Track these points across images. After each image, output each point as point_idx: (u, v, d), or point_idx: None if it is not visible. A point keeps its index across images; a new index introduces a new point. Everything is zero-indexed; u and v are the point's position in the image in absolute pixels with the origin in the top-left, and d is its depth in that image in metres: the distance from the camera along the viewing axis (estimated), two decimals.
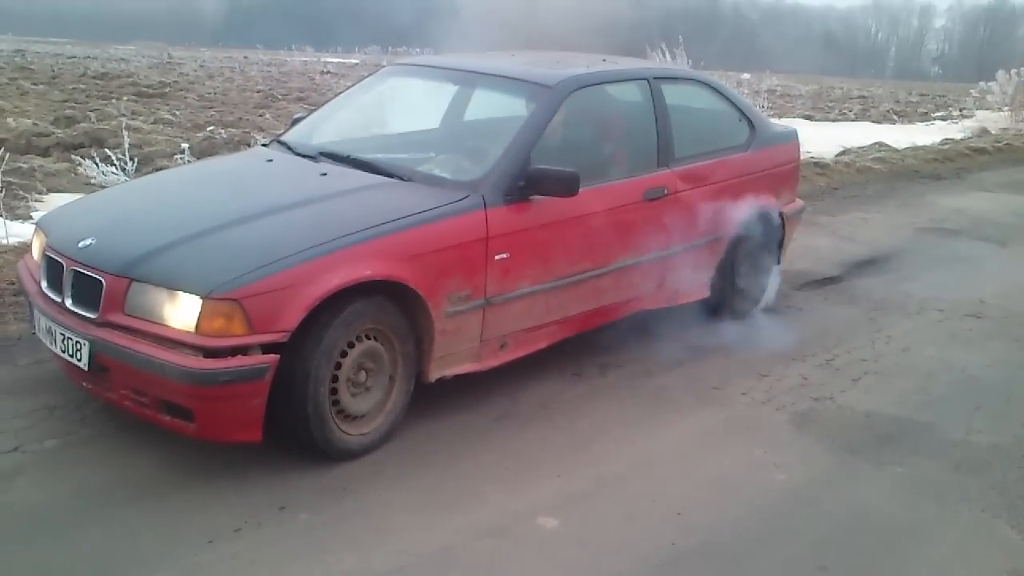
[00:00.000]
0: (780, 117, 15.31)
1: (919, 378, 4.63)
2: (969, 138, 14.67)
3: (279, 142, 4.55)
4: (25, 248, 5.19)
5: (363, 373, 3.46)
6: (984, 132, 15.78)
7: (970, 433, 4.05)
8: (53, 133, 10.25)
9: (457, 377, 3.82)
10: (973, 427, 4.11)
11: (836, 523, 3.30)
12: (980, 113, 19.06)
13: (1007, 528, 3.32)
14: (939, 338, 5.22)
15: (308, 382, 3.22)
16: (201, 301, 3.06)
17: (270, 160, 4.29)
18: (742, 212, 4.88)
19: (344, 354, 3.36)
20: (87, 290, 3.29)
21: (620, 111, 4.70)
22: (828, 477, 3.62)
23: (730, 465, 3.67)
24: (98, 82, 17.26)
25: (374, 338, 3.46)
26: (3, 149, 7.85)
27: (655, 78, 4.71)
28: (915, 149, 12.55)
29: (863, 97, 24.60)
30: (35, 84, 15.87)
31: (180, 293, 3.11)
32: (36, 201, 7.19)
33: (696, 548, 3.08)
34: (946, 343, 5.15)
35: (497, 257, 3.73)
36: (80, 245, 3.40)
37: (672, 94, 4.71)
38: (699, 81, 5.23)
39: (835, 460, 3.76)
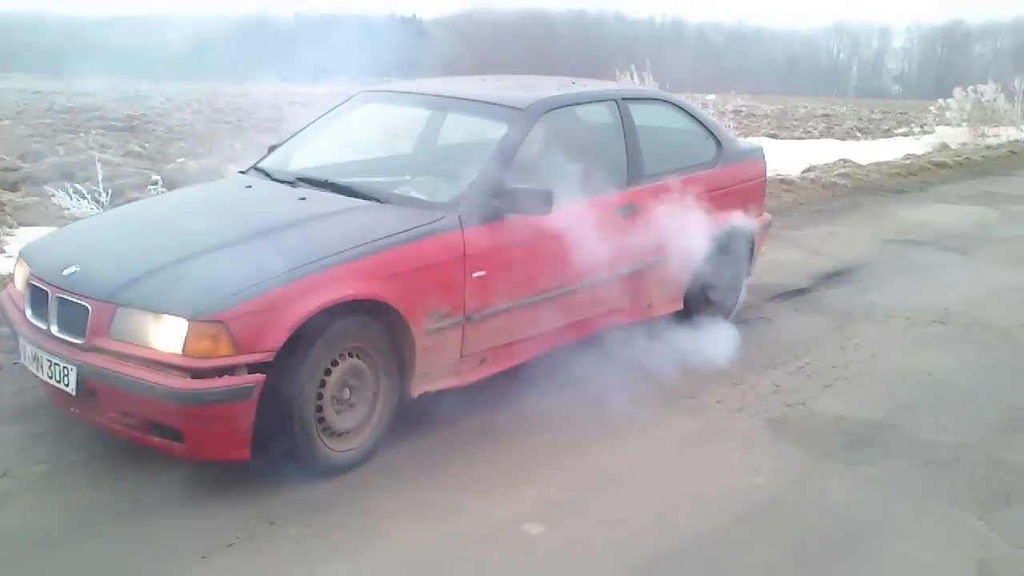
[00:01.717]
0: (746, 136, 15.59)
1: (888, 383, 4.75)
2: (930, 153, 15.01)
3: (257, 169, 4.62)
4: (3, 280, 5.23)
5: (347, 390, 3.52)
6: (944, 147, 16.15)
7: (938, 433, 4.18)
8: (21, 167, 10.25)
9: (439, 392, 3.90)
10: (941, 427, 4.24)
11: (812, 523, 3.40)
12: (940, 129, 19.51)
13: (975, 520, 3.44)
14: (906, 344, 5.37)
15: (294, 400, 3.29)
16: (187, 324, 3.12)
17: (249, 186, 4.36)
18: (711, 227, 5.00)
19: (328, 372, 3.43)
20: (73, 316, 3.34)
21: (590, 131, 4.82)
22: (803, 479, 3.72)
23: (708, 471, 3.76)
24: (64, 116, 17.27)
25: (357, 356, 3.53)
26: None
27: (623, 99, 4.85)
28: (879, 164, 12.82)
29: (827, 115, 25.08)
30: (0, 119, 15.83)
31: (166, 316, 3.17)
32: (7, 235, 7.20)
33: (677, 551, 3.16)
34: (913, 349, 5.29)
35: (475, 275, 3.82)
36: (65, 273, 3.45)
37: (640, 114, 4.85)
38: (666, 101, 5.38)
39: (809, 463, 3.86)
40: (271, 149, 4.92)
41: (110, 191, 7.94)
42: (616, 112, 4.76)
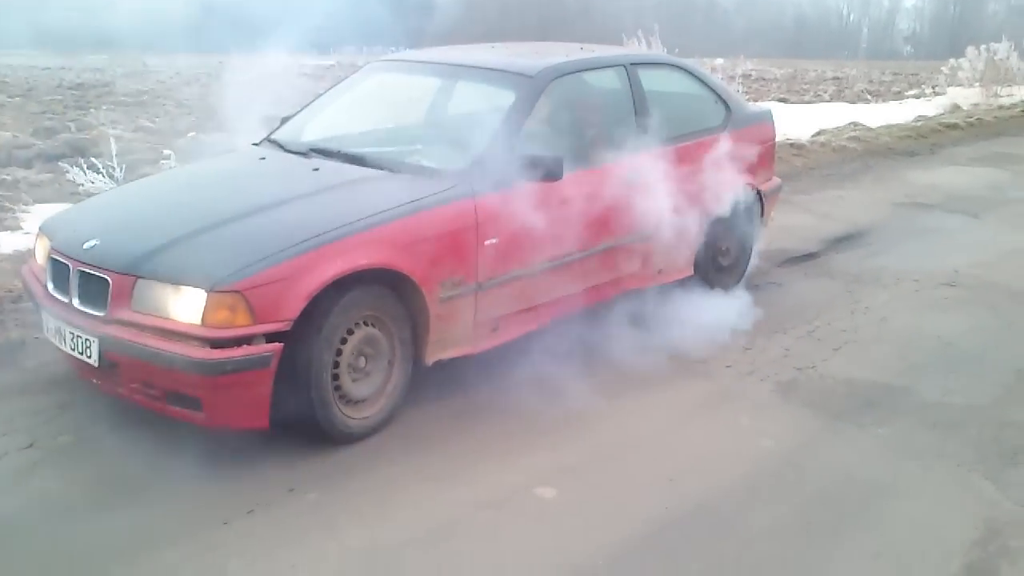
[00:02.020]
0: (756, 100, 15.50)
1: (897, 345, 4.79)
2: (941, 114, 14.90)
3: (270, 140, 4.66)
4: (17, 258, 5.30)
5: (363, 359, 3.59)
6: (956, 108, 16.03)
7: (946, 395, 4.22)
8: (34, 145, 10.29)
9: (453, 360, 3.95)
10: (949, 389, 4.28)
11: (821, 484, 3.46)
12: (952, 90, 19.34)
13: (982, 480, 3.49)
14: (915, 307, 5.40)
15: (311, 369, 3.35)
16: (206, 294, 3.18)
17: (263, 158, 4.40)
18: (721, 191, 5.02)
19: (344, 341, 3.49)
20: (94, 289, 3.41)
21: (599, 97, 4.84)
22: (812, 441, 3.78)
23: (718, 434, 3.82)
24: (75, 93, 17.28)
25: (372, 325, 3.59)
26: None
27: (632, 64, 4.86)
28: (889, 127, 12.75)
29: (837, 78, 24.88)
30: (10, 97, 15.86)
31: (185, 288, 3.23)
32: (23, 212, 7.27)
33: (688, 512, 3.23)
34: (922, 312, 5.32)
35: (487, 242, 3.86)
36: (85, 246, 3.51)
37: (649, 79, 4.86)
38: (674, 65, 5.38)
39: (819, 425, 3.92)
40: (283, 121, 4.96)
41: (123, 166, 7.98)
42: (625, 77, 4.77)
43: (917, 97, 19.72)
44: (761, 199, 5.47)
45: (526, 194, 3.98)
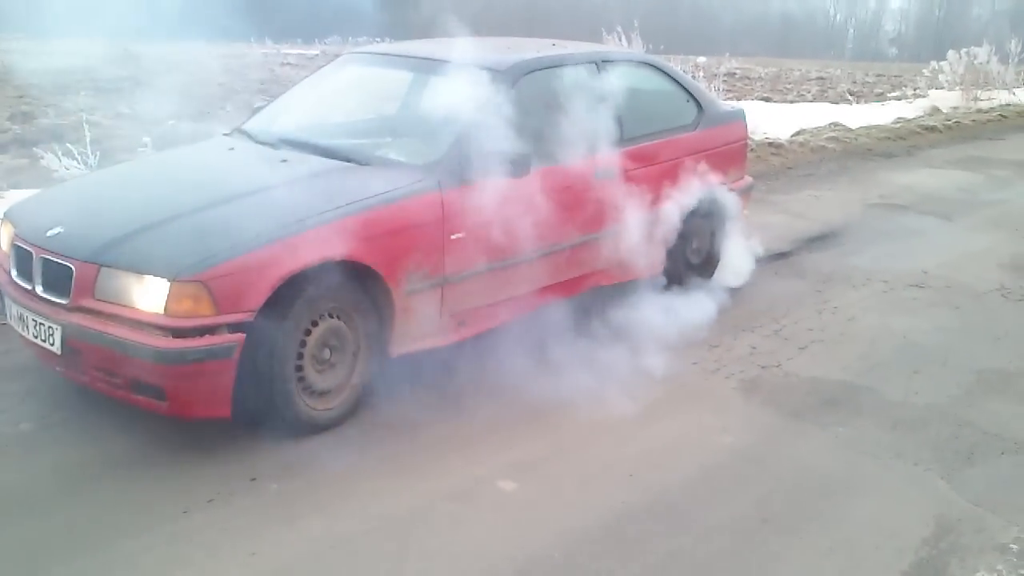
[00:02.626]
0: (738, 99, 15.55)
1: (863, 345, 4.84)
2: (921, 117, 14.99)
3: (240, 131, 4.66)
4: None
5: (327, 350, 3.60)
6: (935, 111, 16.11)
7: (908, 395, 4.28)
8: (10, 129, 10.22)
9: (419, 353, 3.97)
10: (911, 389, 4.34)
11: (779, 480, 3.50)
12: (933, 92, 19.44)
13: (937, 479, 3.55)
14: (883, 307, 5.45)
15: (274, 359, 3.37)
16: (169, 284, 3.19)
17: (232, 148, 4.40)
18: (691, 189, 5.06)
19: (308, 332, 3.50)
20: (57, 277, 3.41)
21: (570, 94, 4.84)
22: (773, 439, 3.82)
23: (679, 430, 3.86)
24: (54, 77, 17.11)
25: (337, 316, 3.60)
26: None
27: (603, 61, 4.88)
28: (868, 128, 12.82)
29: (821, 78, 24.94)
30: None
31: (148, 277, 3.23)
32: None
33: (647, 506, 3.27)
34: (889, 312, 5.38)
35: (453, 236, 3.88)
36: (49, 234, 3.51)
37: (620, 76, 4.88)
38: (646, 63, 5.40)
39: (780, 423, 3.96)
40: (255, 111, 4.96)
41: (99, 153, 7.94)
42: (596, 74, 4.79)
43: (899, 99, 19.81)
44: (732, 198, 5.50)
45: (493, 189, 4.00)
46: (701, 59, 19.90)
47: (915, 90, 20.80)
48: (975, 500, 3.40)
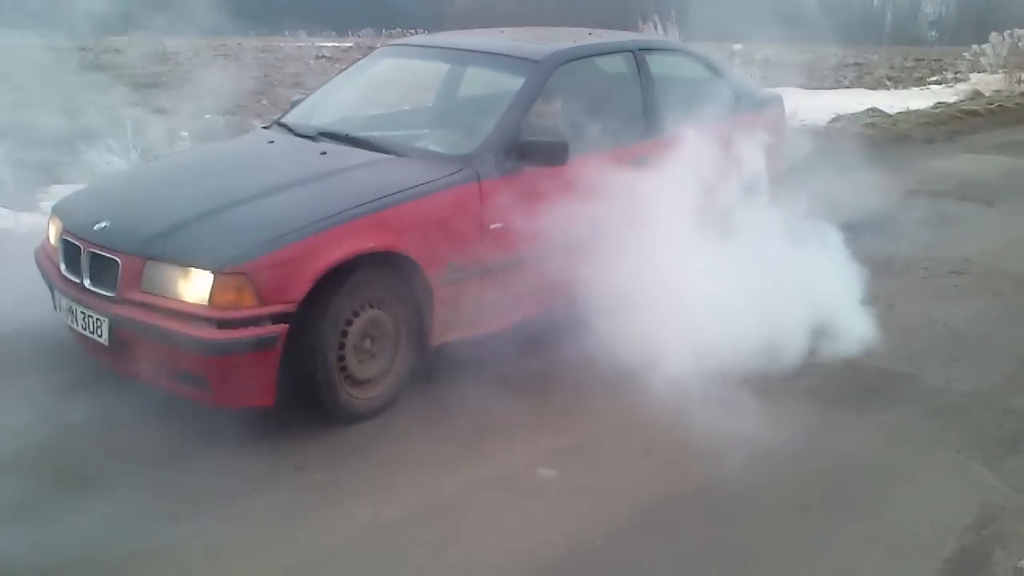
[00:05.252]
0: (774, 86, 15.38)
1: (903, 333, 4.80)
2: (962, 101, 14.75)
3: (279, 124, 4.72)
4: (35, 236, 5.37)
5: (368, 340, 3.64)
6: (977, 95, 15.86)
7: (950, 382, 4.24)
8: (52, 125, 10.38)
9: (459, 342, 4.00)
10: (953, 376, 4.30)
11: (820, 468, 3.49)
12: (974, 76, 19.12)
13: (980, 467, 3.52)
14: (923, 295, 5.40)
15: (317, 349, 3.41)
16: (213, 276, 3.25)
17: (271, 142, 4.46)
18: (731, 176, 5.02)
19: (350, 322, 3.55)
20: (104, 270, 3.48)
21: (607, 82, 4.86)
22: (814, 427, 3.80)
23: (718, 418, 3.85)
24: (93, 74, 17.36)
25: (378, 307, 3.64)
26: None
27: (640, 49, 4.88)
28: (907, 113, 12.64)
29: (858, 64, 24.66)
30: (29, 78, 15.95)
31: (193, 269, 3.30)
32: (42, 192, 7.36)
33: (688, 494, 3.28)
34: (930, 299, 5.32)
35: (491, 227, 3.91)
36: (96, 228, 3.58)
37: (657, 64, 4.88)
38: (683, 51, 5.39)
39: (820, 411, 3.94)
40: (293, 104, 5.01)
41: (139, 148, 8.06)
42: (633, 63, 4.79)
43: (939, 84, 19.51)
44: (771, 183, 5.45)
45: (532, 179, 4.01)
46: (737, 46, 19.70)
47: (956, 74, 20.49)
48: (1019, 488, 3.37)
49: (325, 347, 3.44)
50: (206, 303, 3.26)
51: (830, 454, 3.60)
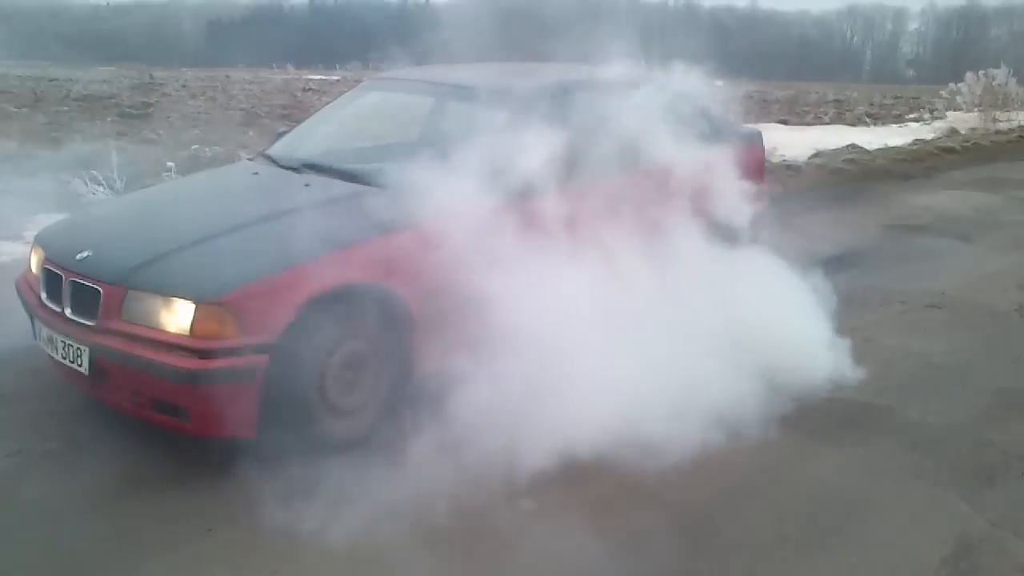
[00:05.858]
0: (756, 122, 15.57)
1: (880, 366, 4.84)
2: (939, 138, 14.99)
3: (264, 156, 4.75)
4: (19, 265, 5.36)
5: (350, 371, 3.65)
6: (954, 132, 16.13)
7: (927, 415, 4.28)
8: (39, 155, 10.39)
9: (439, 373, 3.99)
10: (930, 409, 4.34)
11: (798, 499, 3.52)
12: (951, 114, 19.45)
13: (957, 499, 3.55)
14: (900, 328, 5.46)
15: (297, 380, 3.42)
16: (194, 306, 3.26)
17: (256, 173, 4.49)
18: (709, 209, 5.08)
19: (331, 353, 3.55)
20: (86, 299, 3.49)
21: (587, 116, 4.90)
22: (791, 459, 3.83)
23: (697, 451, 3.86)
24: (81, 104, 17.40)
25: (360, 338, 3.65)
26: None
27: (620, 84, 4.93)
28: (886, 150, 12.84)
29: (838, 101, 25.01)
30: (17, 108, 15.98)
31: (175, 299, 3.31)
32: (28, 221, 7.35)
33: (666, 525, 3.28)
34: (907, 333, 5.38)
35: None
36: (78, 257, 3.59)
37: (637, 98, 4.93)
38: (663, 86, 5.44)
39: (798, 443, 3.97)
40: (279, 136, 5.05)
41: (125, 178, 8.08)
42: (613, 97, 4.84)
43: (917, 121, 19.82)
44: (749, 218, 5.50)
45: (515, 211, 4.04)
46: (718, 82, 19.96)
47: (933, 112, 20.81)
48: (995, 521, 3.40)
49: (306, 378, 3.45)
50: (187, 333, 3.26)
51: (808, 486, 3.62)
